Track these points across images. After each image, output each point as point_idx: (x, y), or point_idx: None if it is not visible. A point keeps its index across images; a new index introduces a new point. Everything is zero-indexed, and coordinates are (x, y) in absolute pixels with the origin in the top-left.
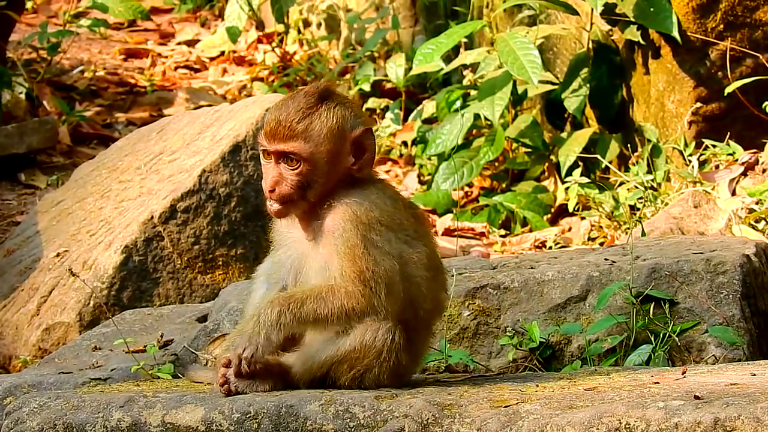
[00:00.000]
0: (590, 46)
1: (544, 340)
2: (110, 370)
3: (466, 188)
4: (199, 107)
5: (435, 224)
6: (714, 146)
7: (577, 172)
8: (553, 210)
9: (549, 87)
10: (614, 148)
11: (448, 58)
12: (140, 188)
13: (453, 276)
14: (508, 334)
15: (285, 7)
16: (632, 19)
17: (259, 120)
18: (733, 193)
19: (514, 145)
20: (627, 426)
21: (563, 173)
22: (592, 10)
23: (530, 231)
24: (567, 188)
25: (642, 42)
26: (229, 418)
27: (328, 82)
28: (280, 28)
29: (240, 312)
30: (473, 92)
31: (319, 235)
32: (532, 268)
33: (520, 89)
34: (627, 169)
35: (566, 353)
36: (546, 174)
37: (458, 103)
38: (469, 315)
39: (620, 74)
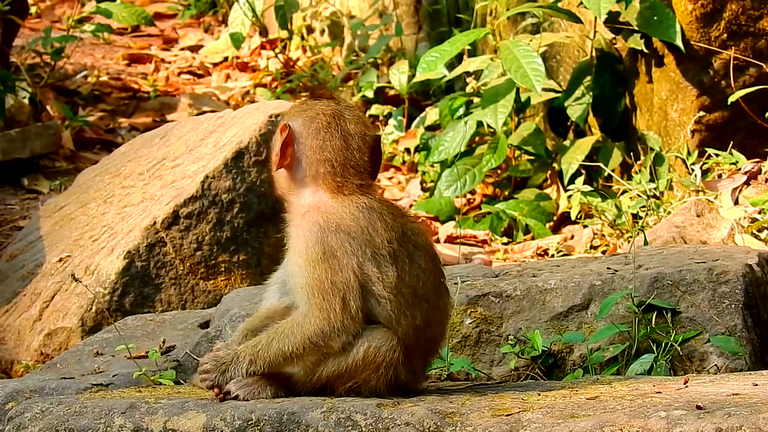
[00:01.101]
0: (593, 54)
1: (546, 349)
2: (112, 375)
3: (469, 195)
4: (202, 113)
5: (437, 232)
6: (717, 155)
7: (580, 180)
8: (555, 218)
9: (552, 95)
10: (617, 156)
11: (451, 65)
12: (143, 194)
13: (457, 284)
14: (510, 342)
15: (288, 13)
16: (636, 28)
17: (262, 126)
18: (736, 203)
19: (517, 152)
20: None
21: (566, 181)
22: (596, 18)
23: (532, 239)
24: (569, 196)
25: (645, 50)
26: (231, 425)
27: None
28: (284, 34)
29: (242, 318)
30: (476, 99)
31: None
32: (534, 276)
33: (523, 97)
34: (630, 178)
35: (568, 362)
36: (548, 182)
37: (461, 111)
38: (471, 323)
39: (623, 82)
